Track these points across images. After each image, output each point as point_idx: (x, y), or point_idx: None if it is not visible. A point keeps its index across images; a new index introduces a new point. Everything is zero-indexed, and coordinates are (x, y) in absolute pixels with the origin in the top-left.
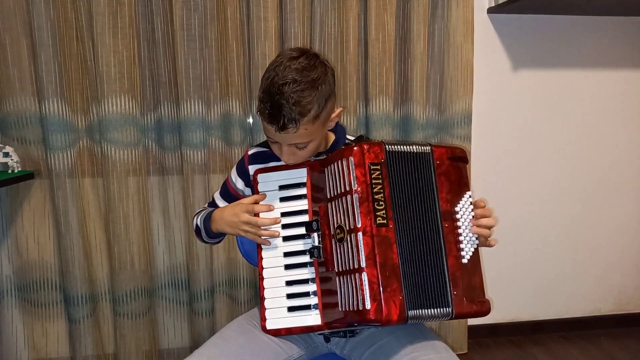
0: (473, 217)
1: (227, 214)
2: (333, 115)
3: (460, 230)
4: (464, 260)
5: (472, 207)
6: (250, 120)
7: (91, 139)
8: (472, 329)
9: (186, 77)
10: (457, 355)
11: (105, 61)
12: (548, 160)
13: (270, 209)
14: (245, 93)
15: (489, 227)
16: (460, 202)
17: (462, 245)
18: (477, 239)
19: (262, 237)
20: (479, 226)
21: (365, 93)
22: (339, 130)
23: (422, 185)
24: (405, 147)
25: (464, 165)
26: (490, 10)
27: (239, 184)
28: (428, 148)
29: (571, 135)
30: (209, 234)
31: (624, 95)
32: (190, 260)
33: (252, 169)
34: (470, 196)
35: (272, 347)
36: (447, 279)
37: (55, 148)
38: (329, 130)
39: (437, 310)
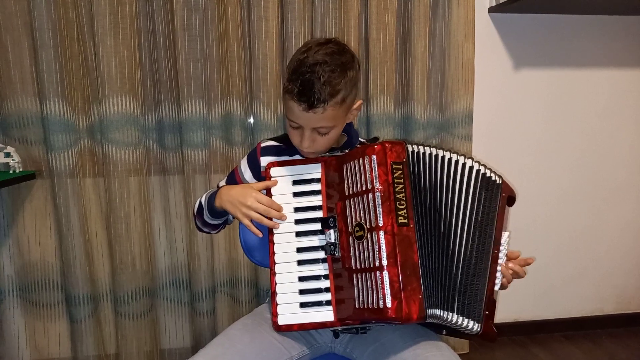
0: (507, 258)
1: (235, 192)
2: (354, 106)
3: (500, 261)
4: (496, 288)
5: (507, 245)
6: (251, 120)
7: (92, 139)
8: None
9: (187, 77)
10: (459, 355)
11: (106, 61)
12: (550, 160)
13: (280, 208)
14: (246, 93)
15: (515, 277)
16: (503, 238)
17: (497, 275)
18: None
19: (268, 221)
20: (511, 270)
21: (366, 92)
22: (352, 131)
23: (483, 205)
24: (441, 151)
25: (509, 208)
26: (492, 10)
27: (247, 175)
28: (500, 180)
29: (573, 135)
30: (212, 210)
31: (625, 95)
32: (192, 260)
33: (264, 160)
34: (508, 236)
35: (275, 346)
36: (484, 300)
37: (56, 148)
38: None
39: (470, 322)
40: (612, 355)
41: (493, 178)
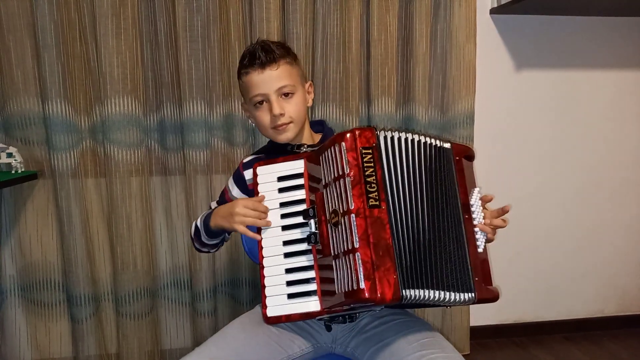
0: (484, 215)
1: (224, 208)
2: (306, 85)
3: (475, 222)
4: (480, 250)
5: (480, 202)
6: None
7: (94, 139)
8: (474, 330)
9: (189, 78)
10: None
11: (108, 62)
12: (551, 160)
13: (265, 209)
14: None
15: (497, 227)
16: (473, 197)
17: (477, 236)
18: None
19: (260, 220)
20: (491, 225)
21: (367, 94)
22: (326, 129)
23: (439, 177)
24: (413, 135)
25: (472, 163)
26: (493, 11)
27: (235, 191)
28: (448, 145)
29: (574, 136)
30: (207, 231)
31: (627, 96)
32: (193, 261)
33: (247, 174)
34: (479, 192)
35: (272, 345)
36: (469, 267)
37: (58, 148)
38: (315, 132)
39: (460, 295)
40: (613, 357)
41: (440, 145)
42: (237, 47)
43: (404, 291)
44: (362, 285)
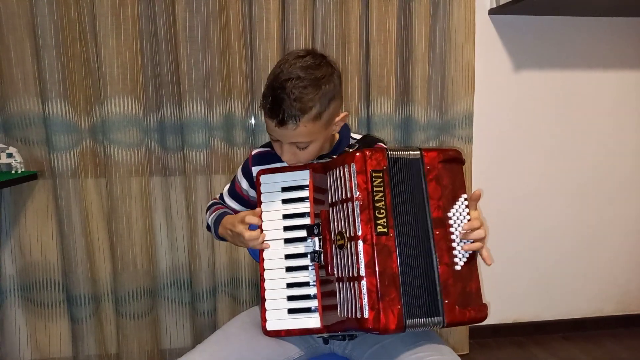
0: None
1: (228, 224)
2: (337, 119)
3: (453, 237)
4: (458, 267)
5: (467, 210)
6: (253, 121)
7: (94, 139)
8: (473, 330)
9: (189, 78)
10: (459, 355)
11: (108, 62)
12: (550, 160)
13: (258, 215)
14: (247, 94)
15: (479, 239)
16: (454, 206)
17: (455, 252)
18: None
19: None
20: (469, 239)
21: (366, 94)
22: (343, 129)
23: (414, 192)
24: (402, 152)
25: (459, 166)
26: (492, 12)
27: (244, 184)
28: (418, 153)
29: (573, 136)
30: (217, 234)
31: (625, 96)
32: (193, 261)
33: (255, 170)
34: (466, 199)
35: (272, 346)
36: (437, 288)
37: (58, 149)
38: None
39: (428, 319)
40: (613, 356)
41: (410, 156)
42: (237, 47)
43: (407, 321)
44: (367, 314)
